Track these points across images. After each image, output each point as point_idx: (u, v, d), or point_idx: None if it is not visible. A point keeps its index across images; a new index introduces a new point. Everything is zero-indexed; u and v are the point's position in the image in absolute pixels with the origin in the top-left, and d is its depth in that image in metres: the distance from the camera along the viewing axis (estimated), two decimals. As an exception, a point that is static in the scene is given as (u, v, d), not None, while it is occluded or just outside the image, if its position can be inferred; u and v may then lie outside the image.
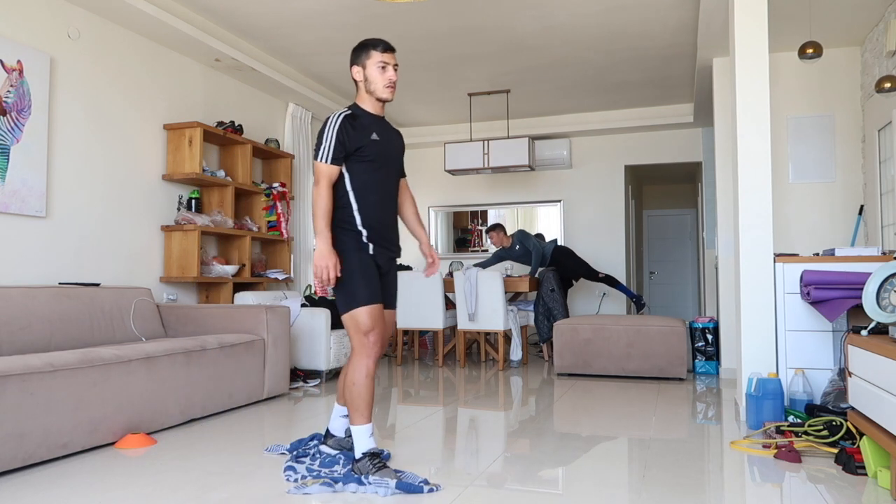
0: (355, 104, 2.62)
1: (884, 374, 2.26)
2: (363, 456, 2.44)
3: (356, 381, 2.46)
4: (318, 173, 2.50)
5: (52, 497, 2.32)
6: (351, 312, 2.48)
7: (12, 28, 3.65)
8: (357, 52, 2.60)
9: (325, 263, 2.43)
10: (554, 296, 6.00)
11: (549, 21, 4.77)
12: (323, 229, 2.46)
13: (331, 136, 2.48)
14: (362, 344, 2.47)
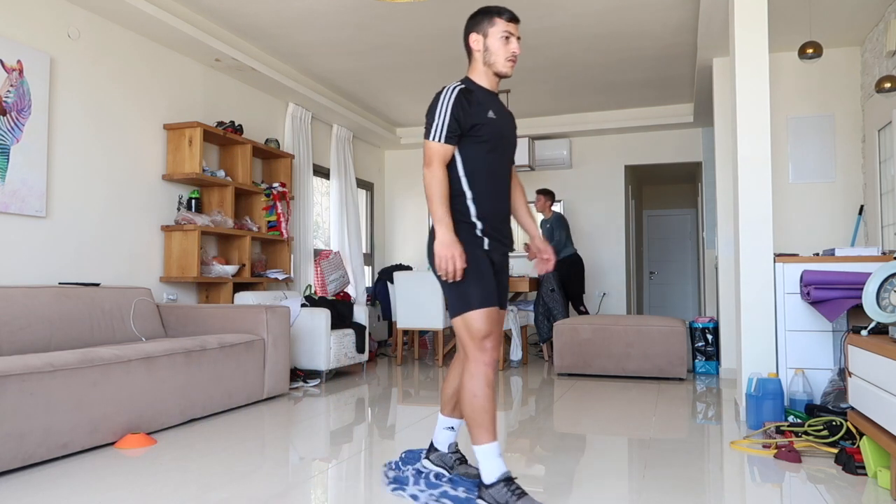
0: (468, 78, 2.31)
1: (884, 374, 2.26)
2: (497, 482, 2.06)
3: (477, 392, 2.11)
4: (429, 153, 2.19)
5: (52, 497, 2.32)
6: (463, 316, 2.16)
7: (12, 28, 3.65)
8: (477, 19, 2.29)
9: (449, 253, 2.11)
10: (554, 296, 6.00)
11: (549, 21, 4.77)
12: (443, 215, 2.14)
13: (444, 112, 2.18)
14: (479, 350, 2.14)
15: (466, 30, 2.32)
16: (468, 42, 2.31)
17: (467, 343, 2.16)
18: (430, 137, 2.19)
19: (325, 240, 7.07)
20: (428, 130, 2.20)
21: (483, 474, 2.10)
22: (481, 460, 2.10)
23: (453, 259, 2.12)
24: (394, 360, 6.30)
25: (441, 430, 2.41)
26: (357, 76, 6.03)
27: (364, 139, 7.82)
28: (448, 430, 2.40)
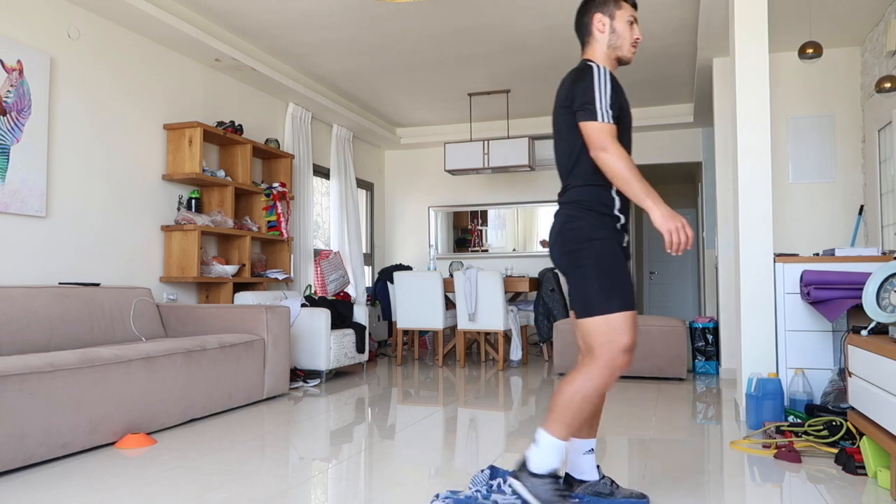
0: (592, 60, 2.13)
1: (884, 374, 2.26)
2: (546, 475, 1.96)
3: (587, 395, 1.95)
4: (601, 135, 1.95)
5: (52, 497, 2.32)
6: (606, 317, 1.96)
7: (12, 28, 3.65)
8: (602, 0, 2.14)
9: (677, 223, 1.89)
10: (554, 296, 6.00)
11: (549, 21, 4.77)
12: (649, 188, 1.91)
13: (604, 90, 1.99)
14: (613, 355, 1.95)
15: (588, 9, 2.16)
16: (591, 22, 2.14)
17: (601, 345, 1.97)
18: (595, 118, 1.96)
19: (325, 240, 7.07)
20: (590, 111, 1.97)
21: (534, 461, 1.97)
22: (543, 447, 1.97)
23: (683, 228, 1.90)
24: (394, 360, 6.30)
25: (580, 455, 2.18)
26: (357, 76, 6.03)
27: (364, 139, 7.82)
28: (590, 454, 2.18)
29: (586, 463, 2.17)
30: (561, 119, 2.11)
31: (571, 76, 2.08)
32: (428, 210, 8.35)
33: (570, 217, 2.05)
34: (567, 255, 2.04)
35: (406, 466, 2.69)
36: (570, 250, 2.03)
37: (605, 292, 1.98)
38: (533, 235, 7.92)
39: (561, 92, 2.12)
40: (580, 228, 2.03)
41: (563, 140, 2.12)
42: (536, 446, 2.00)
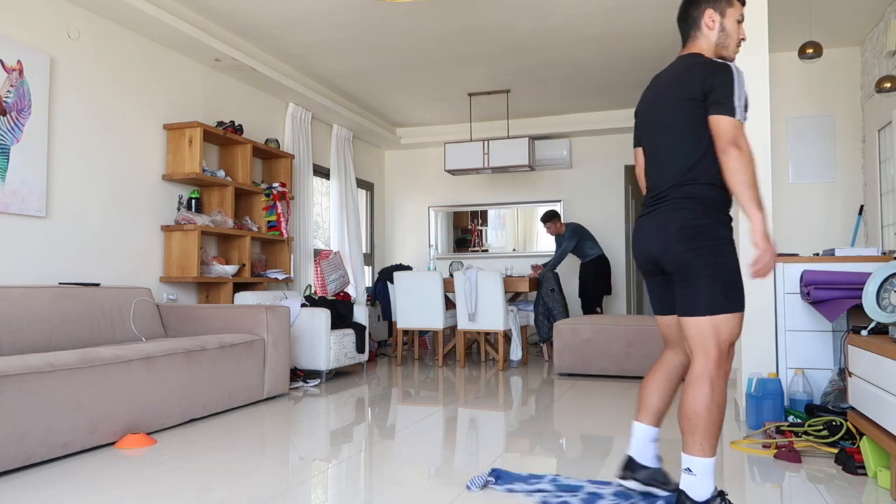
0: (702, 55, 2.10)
1: (884, 374, 2.26)
2: (713, 498, 1.93)
3: (720, 401, 1.94)
4: (736, 132, 1.93)
5: (52, 497, 2.32)
6: (725, 316, 1.95)
7: (12, 28, 3.65)
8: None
9: (772, 246, 1.92)
10: (554, 296, 6.00)
11: (548, 21, 4.77)
12: (761, 200, 1.91)
13: (742, 87, 1.95)
14: (725, 357, 1.96)
15: (699, 3, 2.11)
16: (701, 17, 2.10)
17: (713, 347, 1.95)
18: (734, 115, 1.92)
19: (325, 240, 7.07)
20: (728, 106, 1.93)
21: (697, 491, 1.93)
22: (699, 474, 1.93)
23: (775, 251, 1.92)
24: (394, 360, 6.30)
25: (648, 443, 2.18)
26: (357, 76, 6.03)
27: (364, 139, 7.82)
28: (655, 443, 2.19)
29: (652, 451, 2.18)
30: (679, 113, 2.03)
31: (701, 70, 2.00)
32: (428, 210, 8.35)
33: (694, 213, 1.99)
34: (692, 252, 1.97)
35: (406, 466, 2.69)
36: (697, 247, 1.97)
37: (733, 291, 1.96)
38: (533, 235, 7.92)
39: (679, 86, 2.04)
40: (707, 227, 1.98)
41: (682, 134, 2.03)
42: (691, 475, 1.95)
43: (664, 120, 2.09)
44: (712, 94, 1.96)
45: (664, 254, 2.03)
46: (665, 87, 2.11)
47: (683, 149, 2.03)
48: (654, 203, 2.10)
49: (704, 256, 1.96)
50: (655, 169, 2.11)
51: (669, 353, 2.21)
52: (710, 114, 1.97)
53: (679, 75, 2.07)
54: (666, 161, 2.07)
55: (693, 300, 1.98)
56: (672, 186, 2.04)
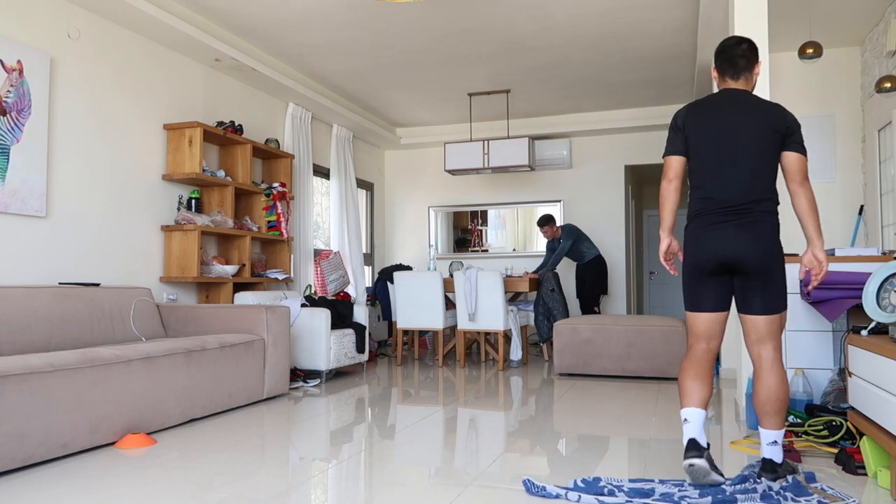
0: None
1: (884, 374, 2.26)
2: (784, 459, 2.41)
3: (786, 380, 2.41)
4: (806, 169, 2.41)
5: (52, 497, 2.32)
6: (782, 314, 2.40)
7: (12, 28, 3.65)
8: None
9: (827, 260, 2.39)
10: (554, 296, 6.00)
11: (549, 21, 4.77)
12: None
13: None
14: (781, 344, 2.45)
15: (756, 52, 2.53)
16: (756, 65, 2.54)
17: (780, 337, 2.42)
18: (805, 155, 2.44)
19: (325, 240, 7.07)
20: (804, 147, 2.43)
21: (778, 455, 2.37)
22: (779, 441, 2.37)
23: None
24: (394, 360, 6.30)
25: (703, 425, 2.41)
26: (357, 76, 6.03)
27: (364, 139, 7.82)
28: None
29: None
30: (766, 141, 2.38)
31: (781, 111, 2.42)
32: (428, 210, 8.35)
33: (775, 227, 2.38)
34: (776, 259, 2.35)
35: (406, 466, 2.69)
36: (779, 255, 2.37)
37: (784, 294, 2.41)
38: (533, 235, 7.92)
39: (764, 117, 2.39)
40: (780, 239, 2.40)
41: (769, 159, 2.38)
42: (776, 446, 2.37)
43: (752, 143, 2.39)
44: (794, 135, 2.38)
45: (760, 257, 2.35)
46: (748, 114, 2.41)
47: (768, 171, 2.39)
48: (738, 213, 2.38)
49: (781, 263, 2.38)
50: (729, 184, 2.39)
51: (703, 346, 2.47)
52: (790, 150, 2.38)
53: (760, 108, 2.41)
54: (750, 178, 2.38)
55: (774, 298, 2.38)
56: (756, 201, 2.37)
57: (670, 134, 2.52)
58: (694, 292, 2.45)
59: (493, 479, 2.52)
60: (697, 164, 2.45)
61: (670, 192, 2.49)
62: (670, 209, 2.49)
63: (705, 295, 2.44)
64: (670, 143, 2.51)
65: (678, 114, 2.54)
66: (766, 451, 2.38)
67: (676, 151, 2.49)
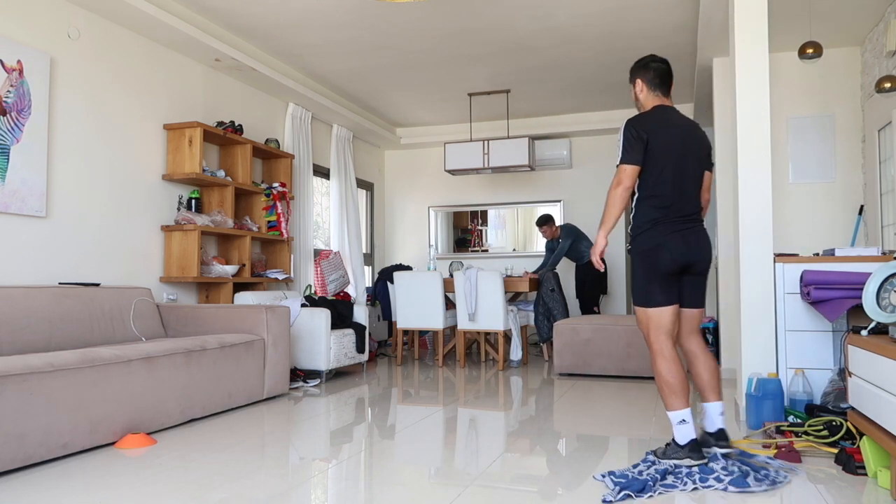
0: None
1: (884, 374, 2.26)
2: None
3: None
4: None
5: (52, 497, 2.32)
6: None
7: (12, 28, 3.65)
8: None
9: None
10: (554, 296, 6.00)
11: (549, 21, 4.77)
12: None
13: None
14: None
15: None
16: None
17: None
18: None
19: (325, 240, 7.07)
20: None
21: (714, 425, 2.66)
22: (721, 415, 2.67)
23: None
24: (394, 360, 6.30)
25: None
26: (357, 76, 6.03)
27: (364, 139, 7.82)
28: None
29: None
30: (703, 160, 2.75)
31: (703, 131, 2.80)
32: (428, 210, 8.35)
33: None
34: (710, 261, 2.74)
35: (406, 466, 2.69)
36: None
37: None
38: (533, 235, 7.92)
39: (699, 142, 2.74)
40: None
41: (700, 174, 2.74)
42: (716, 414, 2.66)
43: (698, 159, 2.73)
44: (711, 155, 2.80)
45: (708, 260, 2.72)
46: (690, 136, 2.72)
47: (698, 188, 2.75)
48: (691, 222, 2.70)
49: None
50: (684, 195, 2.68)
51: (671, 339, 2.69)
52: (708, 170, 2.79)
53: (696, 128, 2.77)
54: (696, 191, 2.73)
55: (705, 294, 2.78)
56: (699, 211, 2.75)
57: (631, 143, 2.63)
58: (662, 290, 2.65)
59: (493, 479, 2.52)
60: (657, 174, 2.64)
61: (623, 199, 2.67)
62: (617, 214, 2.66)
63: (671, 292, 2.67)
64: (632, 153, 2.63)
65: (639, 125, 2.65)
66: (719, 422, 2.65)
67: (636, 161, 2.64)
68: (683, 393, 2.56)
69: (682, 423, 2.53)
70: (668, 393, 2.58)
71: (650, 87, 2.77)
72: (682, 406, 2.56)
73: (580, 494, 2.33)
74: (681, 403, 2.55)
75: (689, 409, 2.57)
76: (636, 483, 2.34)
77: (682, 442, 2.55)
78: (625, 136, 2.65)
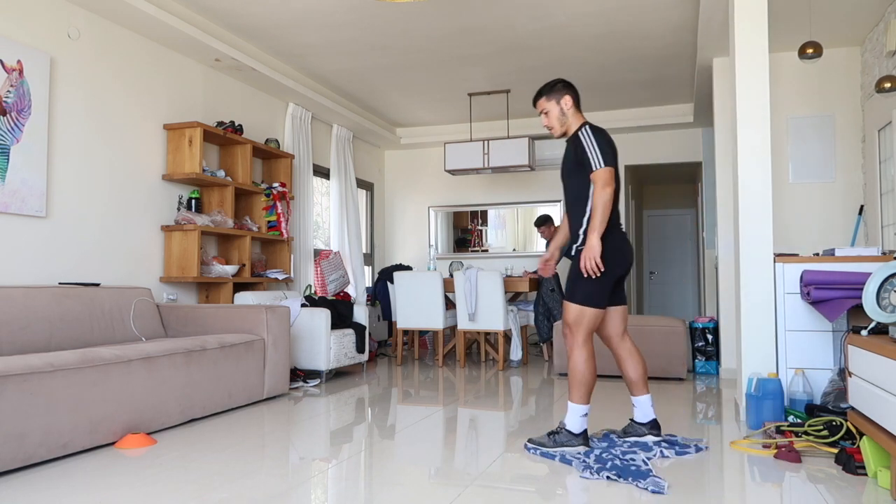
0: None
1: (884, 374, 2.26)
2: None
3: None
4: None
5: (52, 497, 2.32)
6: None
7: (12, 28, 3.65)
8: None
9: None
10: (554, 296, 6.00)
11: (548, 21, 4.77)
12: None
13: None
14: None
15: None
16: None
17: None
18: None
19: (325, 240, 7.07)
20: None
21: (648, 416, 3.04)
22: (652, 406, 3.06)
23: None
24: (394, 360, 6.30)
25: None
26: (357, 76, 6.03)
27: (364, 139, 7.82)
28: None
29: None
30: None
31: None
32: (428, 210, 8.35)
33: None
34: None
35: (406, 466, 2.69)
36: None
37: None
38: (533, 235, 7.92)
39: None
40: None
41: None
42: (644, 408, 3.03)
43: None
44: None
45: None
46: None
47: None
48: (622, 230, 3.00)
49: None
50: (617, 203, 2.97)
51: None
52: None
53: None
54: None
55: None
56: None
57: (604, 148, 2.83)
58: (607, 293, 2.89)
59: (493, 479, 2.52)
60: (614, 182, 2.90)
61: (612, 201, 2.84)
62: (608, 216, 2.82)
63: (608, 295, 2.92)
64: (610, 156, 2.84)
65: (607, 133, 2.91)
66: (651, 412, 3.01)
67: (614, 164, 2.87)
68: (592, 389, 2.87)
69: (585, 416, 2.85)
70: (584, 387, 2.85)
71: (576, 105, 2.98)
72: (588, 400, 2.87)
73: (580, 494, 2.33)
74: (589, 398, 2.87)
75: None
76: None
77: (579, 431, 2.86)
78: (597, 141, 2.83)
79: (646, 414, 3.00)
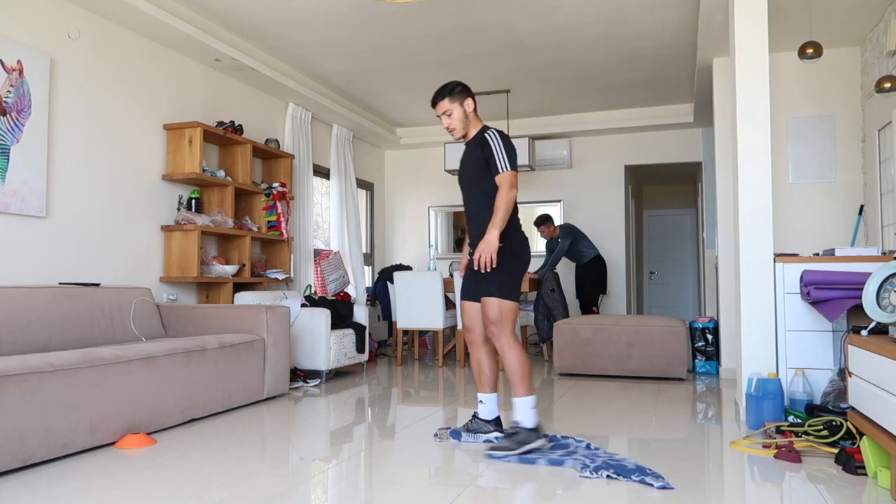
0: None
1: (884, 374, 2.26)
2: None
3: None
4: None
5: (52, 497, 2.32)
6: None
7: (12, 28, 3.65)
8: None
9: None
10: (554, 296, 6.00)
11: (548, 21, 4.77)
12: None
13: None
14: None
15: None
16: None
17: None
18: None
19: (325, 240, 7.07)
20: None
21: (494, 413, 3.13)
22: (499, 405, 3.25)
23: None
24: (394, 360, 6.30)
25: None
26: (357, 76, 6.03)
27: (364, 139, 7.82)
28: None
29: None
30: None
31: None
32: (428, 210, 8.35)
33: None
34: None
35: (406, 466, 2.69)
36: None
37: None
38: (532, 235, 7.92)
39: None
40: None
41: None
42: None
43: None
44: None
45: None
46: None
47: None
48: None
49: None
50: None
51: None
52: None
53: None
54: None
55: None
56: None
57: (511, 152, 2.93)
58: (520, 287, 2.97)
59: (493, 479, 2.52)
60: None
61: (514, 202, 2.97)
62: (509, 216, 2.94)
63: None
64: (516, 161, 2.95)
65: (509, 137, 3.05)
66: (497, 411, 3.12)
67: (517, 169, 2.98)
68: (532, 378, 2.97)
69: (535, 409, 2.86)
70: (526, 378, 2.87)
71: (476, 109, 3.08)
72: (533, 390, 2.88)
73: (580, 494, 2.33)
74: (532, 388, 2.87)
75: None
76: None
77: (534, 425, 2.86)
78: (505, 146, 2.93)
79: (493, 412, 3.11)
